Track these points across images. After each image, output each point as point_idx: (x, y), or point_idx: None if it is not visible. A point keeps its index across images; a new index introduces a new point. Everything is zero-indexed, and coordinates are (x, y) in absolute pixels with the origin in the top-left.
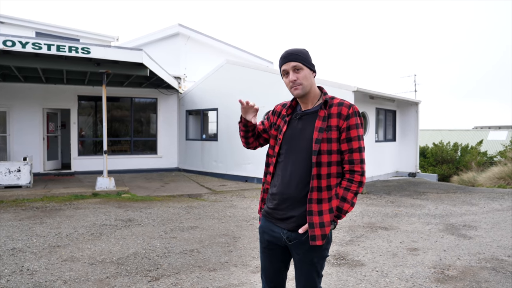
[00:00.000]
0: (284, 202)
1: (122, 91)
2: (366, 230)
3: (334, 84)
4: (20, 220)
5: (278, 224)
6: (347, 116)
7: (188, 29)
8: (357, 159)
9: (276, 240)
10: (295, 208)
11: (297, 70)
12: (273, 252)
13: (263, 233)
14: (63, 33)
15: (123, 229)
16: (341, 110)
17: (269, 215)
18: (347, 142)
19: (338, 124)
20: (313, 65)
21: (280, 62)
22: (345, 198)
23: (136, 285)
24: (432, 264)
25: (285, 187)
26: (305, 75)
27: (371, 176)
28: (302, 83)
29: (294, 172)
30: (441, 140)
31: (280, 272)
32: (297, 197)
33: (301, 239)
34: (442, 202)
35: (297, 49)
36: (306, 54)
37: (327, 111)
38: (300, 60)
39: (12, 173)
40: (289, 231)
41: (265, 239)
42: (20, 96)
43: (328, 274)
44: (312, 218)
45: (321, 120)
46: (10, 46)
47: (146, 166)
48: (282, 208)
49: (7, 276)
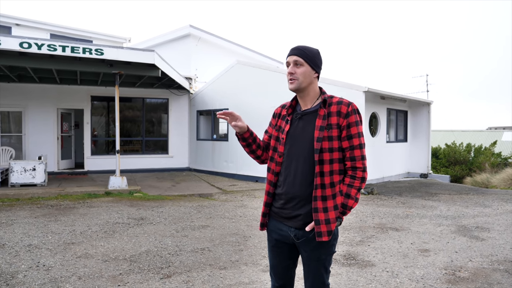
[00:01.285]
0: (290, 201)
1: (134, 92)
2: (377, 231)
3: (344, 85)
4: (36, 218)
5: (285, 223)
6: (346, 114)
7: (199, 30)
8: (358, 156)
9: (284, 238)
10: (301, 206)
11: (297, 65)
12: (281, 250)
13: (271, 232)
14: (76, 34)
15: (136, 227)
16: (340, 108)
17: (276, 214)
18: (347, 139)
19: (338, 122)
20: (318, 66)
21: (287, 55)
22: (349, 195)
23: (148, 282)
24: (443, 265)
25: (289, 186)
26: (304, 72)
27: (382, 176)
28: (299, 78)
29: (297, 171)
30: (454, 141)
31: (288, 269)
32: (302, 195)
33: (308, 236)
34: (454, 204)
35: (305, 46)
36: (312, 53)
37: (327, 109)
38: (303, 56)
39: (28, 171)
40: (296, 229)
41: (273, 238)
42: (35, 96)
43: (338, 274)
44: (318, 215)
45: (321, 119)
46: (26, 48)
47: (157, 165)
48: (288, 207)
49: (24, 271)
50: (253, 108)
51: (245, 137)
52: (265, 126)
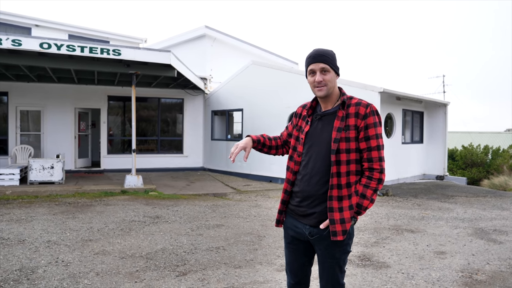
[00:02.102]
0: (306, 199)
1: (150, 92)
2: (392, 232)
3: (360, 85)
4: (54, 215)
5: (300, 220)
6: (364, 115)
7: (214, 31)
8: (375, 157)
9: (299, 235)
10: (316, 205)
11: (324, 72)
12: (297, 247)
13: (287, 229)
14: (93, 35)
15: (151, 226)
16: (358, 109)
17: (292, 211)
18: (365, 140)
19: (356, 123)
20: (338, 68)
21: (308, 61)
22: (364, 195)
23: (164, 279)
24: (460, 268)
25: (306, 184)
26: (331, 78)
27: (397, 178)
28: (327, 84)
29: (314, 171)
30: (471, 143)
31: (304, 267)
32: (317, 194)
33: (323, 234)
34: (471, 206)
35: (326, 50)
36: (333, 57)
37: (345, 111)
38: (329, 63)
39: (46, 169)
40: (311, 227)
41: (289, 235)
42: (53, 96)
43: (353, 274)
44: (333, 214)
45: (340, 120)
46: (46, 48)
47: (172, 165)
48: (304, 205)
49: (44, 266)
50: (267, 108)
51: (255, 147)
52: (278, 126)
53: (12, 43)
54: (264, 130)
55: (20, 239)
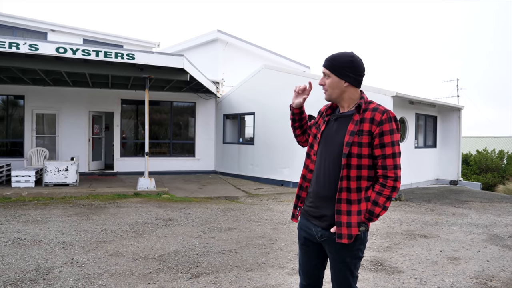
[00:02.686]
0: (318, 200)
1: (163, 95)
2: (405, 237)
3: (372, 89)
4: (69, 216)
5: (313, 222)
6: (380, 121)
7: (226, 35)
8: (390, 165)
9: (311, 237)
10: (327, 207)
11: (325, 76)
12: (310, 248)
13: (300, 230)
14: (108, 39)
15: (164, 228)
16: (374, 115)
17: (305, 212)
18: (380, 147)
19: (370, 129)
20: (346, 75)
21: None
22: (376, 202)
23: (177, 281)
24: (474, 274)
25: (318, 185)
26: (331, 83)
27: (410, 183)
28: (327, 89)
29: (326, 172)
30: (486, 147)
31: (317, 269)
32: (328, 196)
33: (332, 237)
34: (486, 212)
35: (335, 55)
36: (340, 62)
37: (361, 115)
38: (329, 68)
39: (60, 172)
40: (322, 229)
41: (302, 236)
42: (68, 99)
43: (365, 279)
44: (340, 217)
45: (354, 124)
46: (62, 53)
47: (184, 168)
48: (316, 206)
49: (59, 267)
50: (279, 112)
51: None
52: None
53: (29, 48)
54: (276, 134)
55: (36, 240)
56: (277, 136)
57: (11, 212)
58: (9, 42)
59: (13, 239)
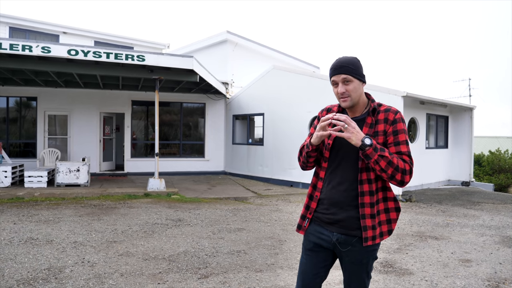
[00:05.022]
0: (333, 206)
1: (172, 96)
2: (415, 239)
3: (382, 89)
4: (80, 216)
5: (327, 227)
6: (393, 121)
7: (235, 36)
8: (406, 160)
9: (324, 242)
10: (344, 212)
11: (346, 82)
12: (317, 254)
13: (309, 235)
14: (118, 41)
15: (174, 228)
16: (388, 115)
17: (318, 218)
18: (395, 145)
19: (385, 128)
20: (363, 75)
21: (330, 72)
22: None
23: (186, 281)
24: (486, 277)
25: (334, 191)
26: (354, 87)
27: (421, 184)
28: (351, 95)
29: (343, 178)
30: (498, 148)
31: (318, 277)
32: (345, 201)
33: (352, 241)
34: (498, 213)
35: (348, 60)
36: (356, 65)
37: (375, 117)
38: (350, 72)
39: (72, 172)
40: (340, 234)
41: (311, 241)
42: (79, 100)
43: (375, 281)
44: (365, 221)
45: (368, 127)
46: (74, 55)
47: (194, 168)
48: (331, 212)
49: (70, 266)
50: (288, 113)
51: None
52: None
53: (42, 50)
54: (285, 134)
55: (48, 240)
56: (286, 137)
57: (24, 212)
58: (22, 45)
59: (26, 238)
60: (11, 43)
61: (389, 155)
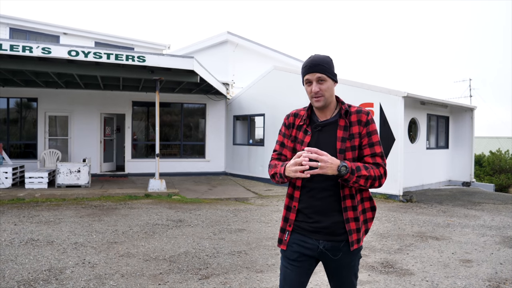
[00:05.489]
0: (316, 214)
1: (173, 97)
2: (416, 239)
3: (383, 90)
4: (81, 217)
5: (311, 236)
6: (366, 122)
7: (236, 37)
8: (380, 163)
9: (309, 251)
10: (328, 218)
11: (321, 81)
12: (302, 264)
13: (292, 245)
14: (119, 42)
15: (174, 229)
16: (360, 117)
17: (299, 228)
18: (369, 147)
19: (359, 130)
20: (336, 75)
21: (305, 71)
22: (367, 167)
23: (187, 282)
24: (487, 277)
25: (314, 199)
26: (328, 87)
27: (421, 184)
28: (324, 94)
29: (323, 184)
30: (499, 148)
31: (305, 285)
32: (329, 207)
33: (340, 246)
34: (499, 214)
35: (322, 58)
36: (330, 64)
37: (348, 119)
38: (325, 72)
39: (73, 173)
40: (326, 241)
41: (295, 251)
42: (80, 101)
43: (375, 281)
44: (350, 225)
45: (343, 130)
46: (74, 56)
47: (195, 169)
48: (315, 221)
49: (71, 267)
50: (288, 113)
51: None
52: None
53: (42, 51)
54: None
55: (49, 241)
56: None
57: (24, 213)
58: (22, 46)
59: (27, 239)
60: (11, 44)
61: (366, 171)
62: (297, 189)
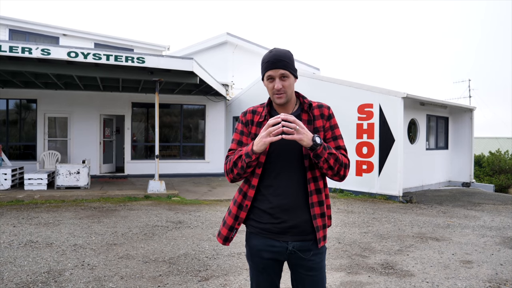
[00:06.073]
0: (283, 213)
1: (173, 98)
2: (416, 240)
3: (383, 90)
4: (80, 219)
5: (278, 238)
6: (328, 116)
7: (235, 38)
8: (345, 154)
9: (278, 255)
10: (296, 216)
11: (284, 78)
12: (273, 269)
13: (260, 252)
14: (118, 43)
15: (174, 231)
16: (323, 111)
17: (265, 231)
18: (333, 140)
19: (323, 124)
20: (296, 70)
21: (266, 66)
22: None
23: (187, 284)
24: (487, 278)
25: (280, 198)
26: (290, 83)
27: (421, 185)
28: (287, 91)
29: (290, 181)
30: (499, 149)
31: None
32: (297, 205)
33: (309, 245)
34: (499, 214)
35: (284, 54)
36: (292, 59)
37: (311, 114)
38: (288, 68)
39: (72, 174)
40: (295, 242)
41: (264, 257)
42: (80, 103)
43: (375, 282)
44: (317, 221)
45: (306, 124)
46: (73, 57)
47: (194, 170)
48: (282, 221)
49: (70, 269)
50: None
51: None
52: None
53: (41, 52)
54: None
55: (48, 242)
56: None
57: (23, 215)
58: (22, 47)
59: (26, 241)
60: (10, 45)
61: (335, 151)
62: (252, 188)
